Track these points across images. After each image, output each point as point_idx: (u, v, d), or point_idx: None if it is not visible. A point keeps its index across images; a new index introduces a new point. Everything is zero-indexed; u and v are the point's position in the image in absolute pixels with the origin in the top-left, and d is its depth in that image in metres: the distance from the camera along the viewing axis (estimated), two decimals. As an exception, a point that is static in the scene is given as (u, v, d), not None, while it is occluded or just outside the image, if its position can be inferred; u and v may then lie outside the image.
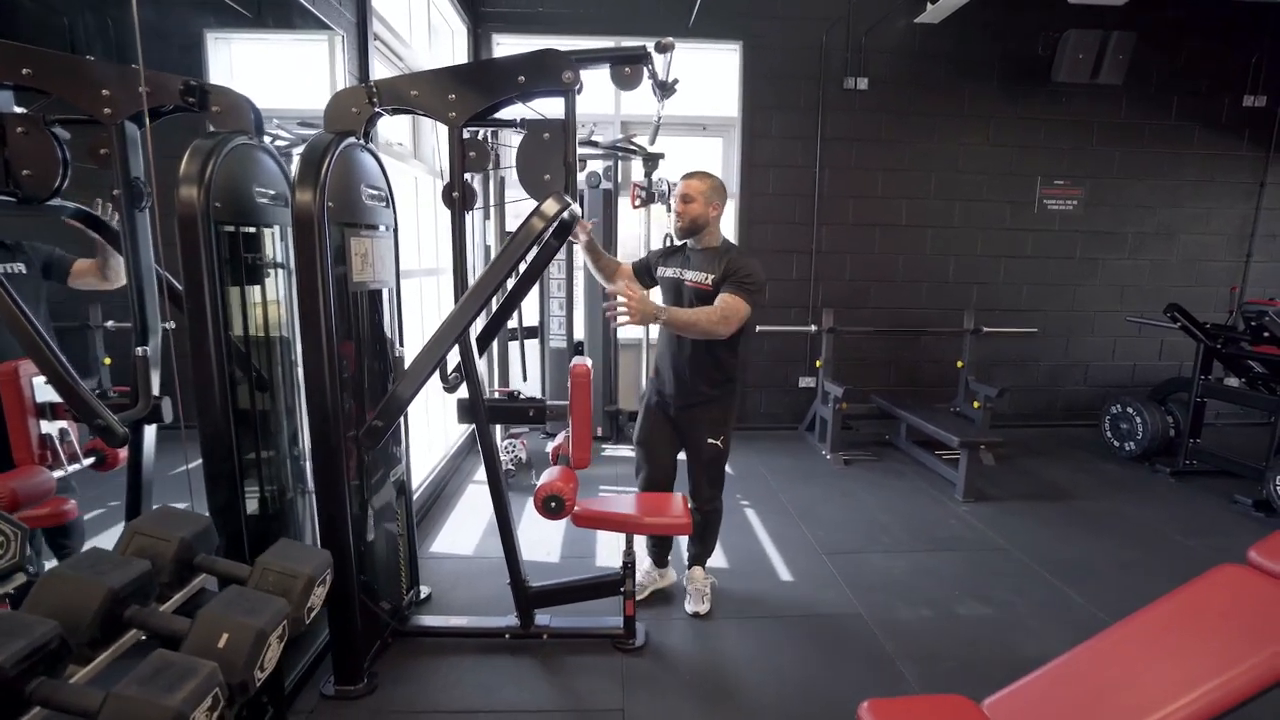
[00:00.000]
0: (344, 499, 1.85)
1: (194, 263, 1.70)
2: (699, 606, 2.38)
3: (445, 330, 1.79)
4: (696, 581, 2.44)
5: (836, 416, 4.25)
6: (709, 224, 2.16)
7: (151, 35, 2.16)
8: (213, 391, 1.77)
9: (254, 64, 2.50)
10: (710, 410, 2.25)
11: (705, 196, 2.12)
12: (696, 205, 2.13)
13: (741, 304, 2.05)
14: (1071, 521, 3.34)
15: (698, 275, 2.18)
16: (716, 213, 2.16)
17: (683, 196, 2.13)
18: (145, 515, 1.12)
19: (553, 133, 1.91)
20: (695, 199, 2.12)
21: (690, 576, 2.46)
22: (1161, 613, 1.38)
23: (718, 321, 2.03)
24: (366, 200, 1.93)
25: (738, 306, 2.04)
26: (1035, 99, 4.70)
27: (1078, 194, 4.85)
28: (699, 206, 2.13)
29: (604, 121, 4.53)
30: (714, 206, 2.14)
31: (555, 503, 1.90)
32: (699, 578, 2.44)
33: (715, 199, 2.14)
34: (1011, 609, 2.50)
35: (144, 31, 2.13)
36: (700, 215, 2.13)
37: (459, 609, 2.45)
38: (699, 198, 2.12)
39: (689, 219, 2.14)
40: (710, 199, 2.13)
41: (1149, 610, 1.43)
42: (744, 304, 2.05)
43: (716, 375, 2.22)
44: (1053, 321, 5.02)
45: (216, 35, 2.38)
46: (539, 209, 1.79)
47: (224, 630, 0.93)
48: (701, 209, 2.13)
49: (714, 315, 2.04)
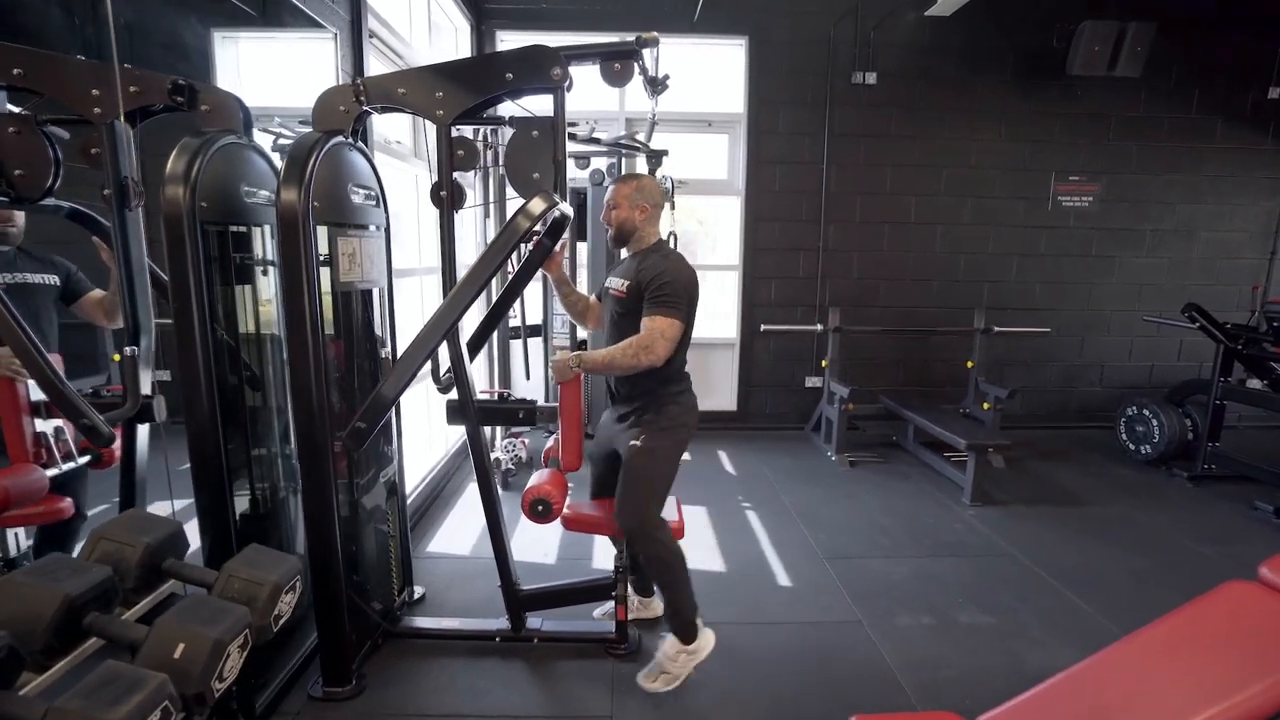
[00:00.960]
0: (331, 500, 1.84)
1: (180, 261, 1.69)
2: (648, 682, 1.98)
3: (430, 330, 1.77)
4: (664, 650, 2.00)
5: (842, 417, 4.19)
6: (637, 228, 1.99)
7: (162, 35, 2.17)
8: (199, 390, 1.77)
9: (260, 63, 2.50)
10: (637, 410, 2.01)
11: (630, 200, 1.97)
12: (621, 210, 1.98)
13: (665, 324, 1.84)
14: (1082, 527, 3.26)
15: (618, 282, 2.00)
16: (644, 215, 1.98)
17: (607, 203, 2.00)
18: (112, 520, 1.11)
19: (542, 130, 1.88)
20: (620, 204, 1.98)
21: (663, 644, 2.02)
22: (1165, 631, 1.33)
23: (637, 353, 1.84)
24: (355, 199, 1.92)
25: (662, 328, 1.84)
26: (1049, 93, 4.59)
27: (1093, 190, 4.74)
28: (624, 211, 1.98)
29: (607, 119, 4.50)
30: (640, 209, 1.97)
31: (542, 506, 1.87)
32: (667, 648, 1.99)
33: (642, 200, 1.97)
34: (1015, 617, 2.44)
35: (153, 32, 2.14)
36: (626, 220, 1.98)
37: (452, 610, 2.44)
38: (624, 202, 1.97)
39: (615, 225, 2.00)
40: (636, 201, 1.97)
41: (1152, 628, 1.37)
42: (668, 323, 1.85)
43: (647, 384, 1.99)
44: (1067, 321, 4.91)
45: (224, 35, 2.38)
46: (524, 207, 1.76)
47: (180, 640, 0.91)
48: (627, 213, 1.98)
49: (630, 349, 1.85)
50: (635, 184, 1.99)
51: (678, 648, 1.98)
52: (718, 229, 5.23)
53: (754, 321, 4.74)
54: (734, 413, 4.90)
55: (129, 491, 2.07)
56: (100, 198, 1.77)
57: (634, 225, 1.99)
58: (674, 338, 1.86)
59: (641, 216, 1.98)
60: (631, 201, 1.97)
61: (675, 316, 1.86)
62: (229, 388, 1.93)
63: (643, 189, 1.99)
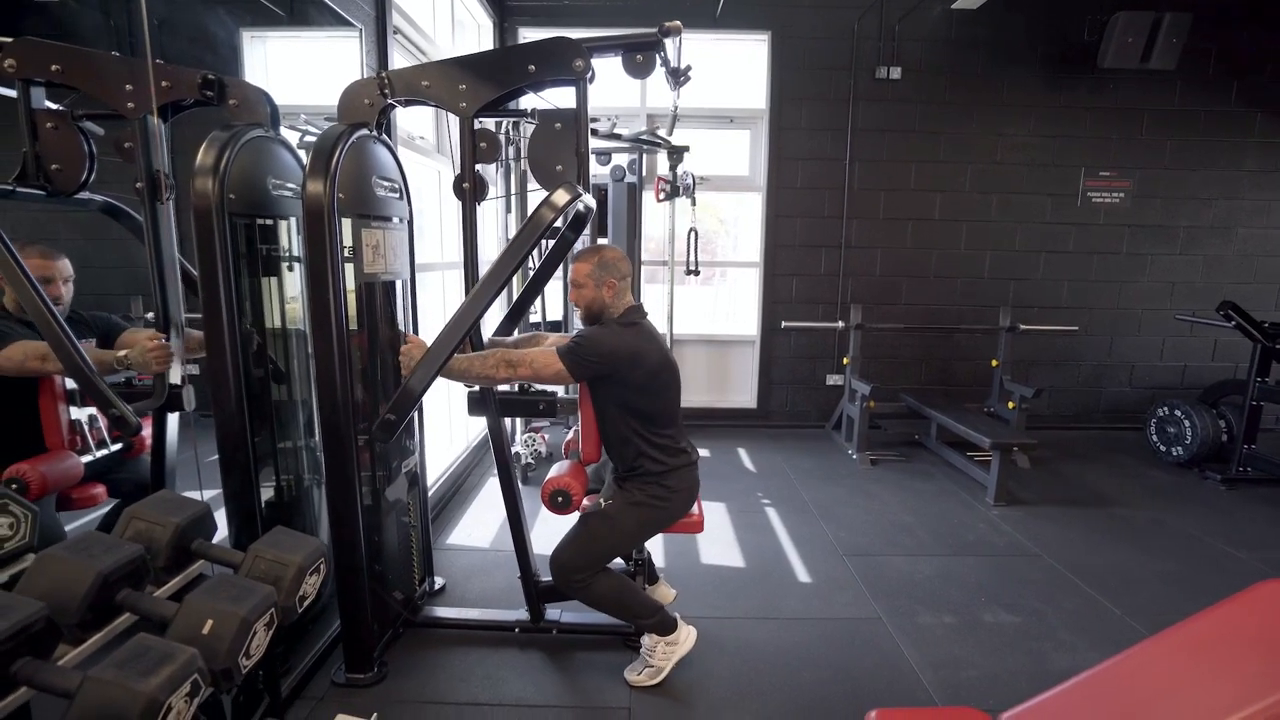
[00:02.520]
0: (354, 491, 1.86)
1: (209, 254, 1.73)
2: (633, 676, 1.98)
3: (456, 322, 1.78)
4: (644, 644, 2.01)
5: (864, 415, 4.14)
6: (606, 305, 1.89)
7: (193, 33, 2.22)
8: (227, 382, 1.80)
9: (287, 62, 2.55)
10: (623, 474, 1.96)
11: (594, 277, 1.86)
12: (587, 290, 1.88)
13: (550, 358, 1.78)
14: (1110, 528, 3.19)
15: None
16: (612, 291, 1.88)
17: (572, 282, 1.92)
18: (144, 500, 1.13)
19: (565, 122, 1.88)
20: (584, 283, 1.88)
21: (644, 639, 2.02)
22: (1195, 630, 1.29)
23: (495, 365, 1.79)
24: (379, 192, 1.94)
25: (543, 359, 1.79)
26: (1079, 86, 4.49)
27: (1125, 186, 4.63)
28: (589, 291, 1.88)
29: (629, 114, 4.50)
30: (607, 285, 1.87)
31: (562, 498, 1.88)
32: (648, 642, 1.99)
33: (606, 275, 1.86)
34: (1041, 618, 2.39)
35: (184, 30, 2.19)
36: (594, 300, 1.88)
37: (472, 601, 2.46)
38: (588, 281, 1.87)
39: (584, 306, 1.91)
40: (600, 278, 1.87)
41: (1181, 627, 1.33)
42: (552, 359, 1.78)
43: (627, 458, 1.93)
44: (1096, 320, 4.80)
45: (252, 34, 2.43)
46: (548, 199, 1.77)
47: (208, 616, 0.93)
48: (593, 293, 1.88)
49: (491, 360, 1.79)
50: (596, 258, 1.87)
51: (656, 639, 1.98)
52: (738, 227, 5.21)
53: (775, 318, 4.71)
54: (754, 410, 4.88)
55: (159, 478, 2.12)
56: (133, 191, 1.82)
57: (602, 303, 1.89)
58: (542, 375, 1.79)
59: (610, 294, 1.88)
60: (596, 279, 1.87)
61: (564, 360, 1.78)
62: (255, 380, 1.97)
63: (604, 263, 1.87)
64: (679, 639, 1.98)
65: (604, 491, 1.99)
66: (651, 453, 1.91)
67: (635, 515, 1.92)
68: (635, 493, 1.92)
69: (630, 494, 1.92)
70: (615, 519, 1.90)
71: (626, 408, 1.87)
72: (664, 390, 1.92)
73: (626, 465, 1.94)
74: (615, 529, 1.91)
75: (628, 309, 1.93)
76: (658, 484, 1.92)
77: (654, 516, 1.94)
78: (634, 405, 1.87)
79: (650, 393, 1.88)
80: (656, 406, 1.90)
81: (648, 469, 1.91)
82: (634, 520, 1.92)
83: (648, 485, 1.92)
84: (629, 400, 1.86)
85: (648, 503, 1.91)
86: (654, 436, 1.91)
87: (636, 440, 1.89)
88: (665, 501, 1.93)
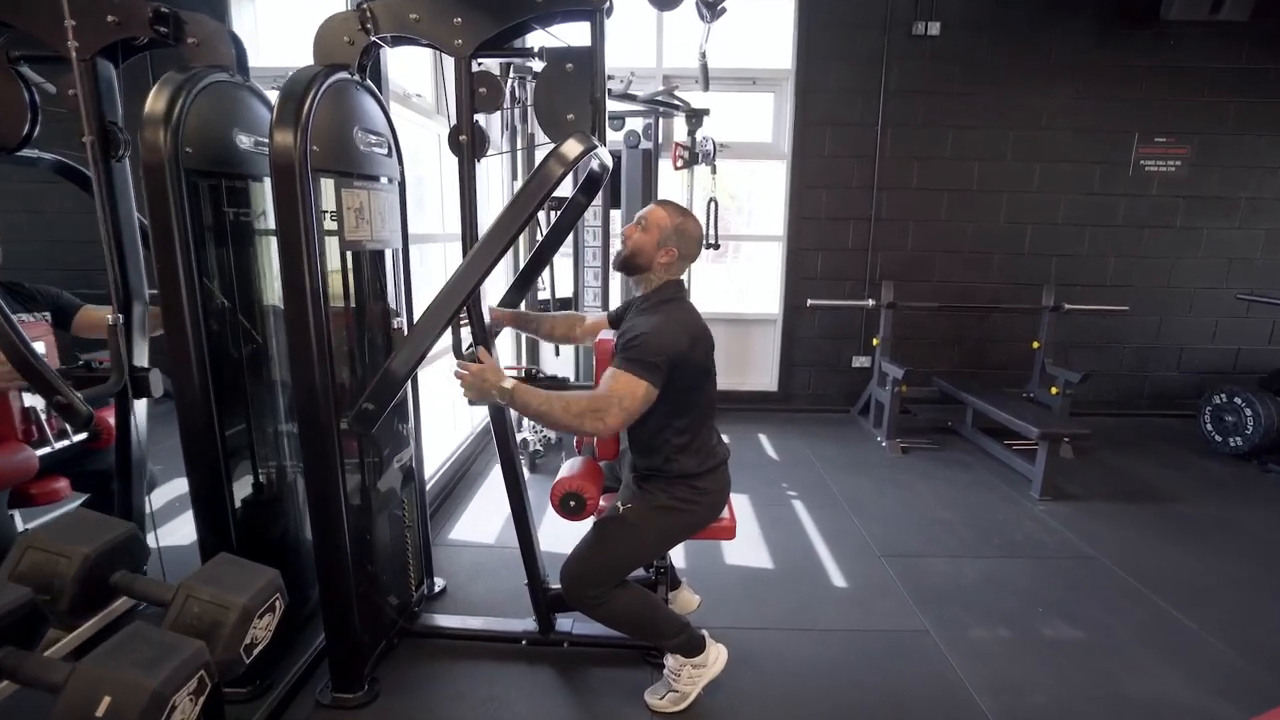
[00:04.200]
0: (337, 489, 1.63)
1: (161, 217, 1.48)
2: (655, 700, 1.75)
3: (448, 295, 1.53)
4: (669, 665, 1.77)
5: (895, 400, 3.87)
6: (650, 267, 1.63)
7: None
8: (190, 366, 1.56)
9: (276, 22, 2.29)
10: (645, 473, 1.71)
11: (663, 233, 1.61)
12: (649, 236, 1.61)
13: (626, 387, 1.45)
14: (1169, 528, 2.92)
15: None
16: (668, 259, 1.62)
17: (638, 219, 1.65)
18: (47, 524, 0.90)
19: (578, 63, 1.60)
20: (649, 229, 1.62)
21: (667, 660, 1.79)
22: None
23: (581, 415, 1.44)
24: (363, 146, 1.67)
25: (621, 393, 1.45)
26: (1136, 43, 4.11)
27: (1182, 153, 4.26)
28: (651, 238, 1.61)
29: (644, 76, 4.17)
30: (666, 250, 1.61)
31: (575, 502, 1.64)
32: (672, 664, 1.76)
33: (673, 242, 1.61)
34: (1109, 633, 2.14)
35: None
36: (642, 249, 1.62)
37: (475, 606, 2.25)
38: (653, 229, 1.61)
39: (628, 247, 1.64)
40: (666, 239, 1.61)
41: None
42: (630, 387, 1.45)
43: (654, 457, 1.67)
44: (1143, 298, 4.47)
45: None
46: (557, 150, 1.49)
47: (105, 692, 0.69)
48: (648, 242, 1.61)
49: (575, 409, 1.45)
50: (679, 220, 1.62)
51: (681, 661, 1.74)
52: (751, 201, 4.89)
53: (799, 296, 4.42)
54: (774, 393, 4.61)
55: (125, 472, 1.90)
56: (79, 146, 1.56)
57: (649, 262, 1.63)
58: (632, 408, 1.45)
59: (665, 259, 1.62)
60: (664, 236, 1.61)
61: (642, 378, 1.45)
62: (229, 361, 1.73)
63: (682, 232, 1.62)
64: (707, 661, 1.74)
65: (621, 493, 1.75)
66: (686, 449, 1.65)
67: (659, 521, 1.66)
68: (659, 495, 1.66)
69: (653, 496, 1.67)
70: (635, 525, 1.65)
71: (669, 398, 1.58)
72: (709, 378, 1.66)
73: (653, 463, 1.68)
74: (635, 537, 1.66)
75: (669, 282, 1.67)
76: (687, 485, 1.66)
77: (681, 522, 1.70)
78: (678, 396, 1.59)
79: (698, 382, 1.63)
80: (700, 397, 1.65)
81: (678, 468, 1.65)
82: (657, 527, 1.67)
83: (674, 486, 1.66)
84: (674, 390, 1.58)
85: (674, 506, 1.66)
86: (692, 432, 1.65)
87: (671, 436, 1.63)
88: (694, 505, 1.68)
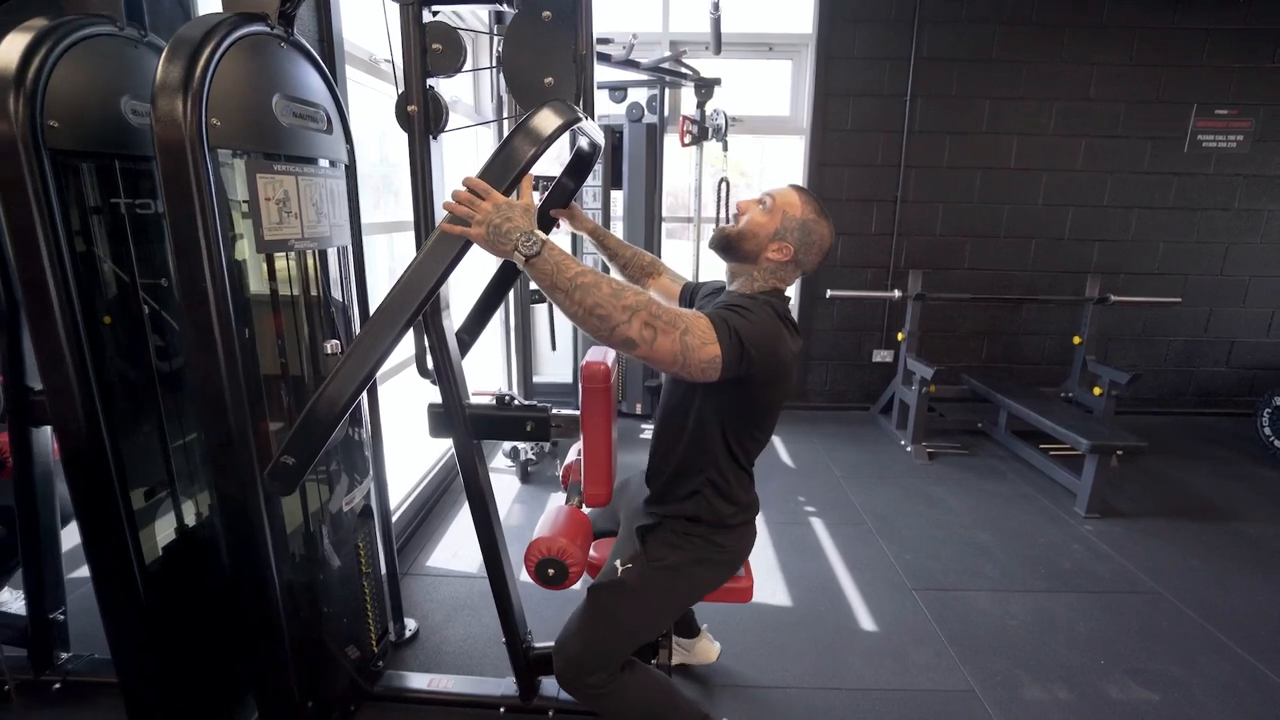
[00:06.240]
0: (265, 553, 1.32)
1: (20, 209, 1.15)
2: None
3: (392, 306, 1.20)
4: None
5: (922, 401, 3.53)
6: (757, 260, 1.29)
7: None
8: (70, 394, 1.25)
9: None
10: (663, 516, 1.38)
11: (785, 219, 1.27)
12: (766, 218, 1.28)
13: (703, 332, 1.09)
14: (1237, 553, 2.59)
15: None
16: (779, 257, 1.27)
17: (760, 199, 1.31)
18: None
19: (558, 11, 1.25)
20: (773, 211, 1.28)
21: None
22: None
23: (631, 309, 1.05)
24: (288, 119, 1.33)
25: (695, 327, 1.09)
26: (1200, 3, 3.68)
27: (1245, 127, 3.85)
28: (767, 221, 1.27)
29: (648, 41, 3.77)
30: (782, 245, 1.27)
31: (554, 570, 1.31)
32: None
33: (794, 238, 1.27)
34: (1186, 694, 1.83)
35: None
36: (756, 233, 1.28)
37: (451, 651, 1.96)
38: (777, 213, 1.27)
39: (740, 225, 1.30)
40: (787, 230, 1.27)
41: None
42: (705, 335, 1.09)
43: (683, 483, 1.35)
44: (1192, 288, 4.09)
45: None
46: (526, 123, 1.15)
47: None
48: (767, 227, 1.27)
49: (630, 298, 1.06)
50: (812, 217, 1.27)
51: None
52: (766, 180, 4.49)
53: (816, 285, 4.06)
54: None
55: (29, 511, 1.61)
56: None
57: (757, 251, 1.28)
58: (690, 353, 1.08)
59: (776, 255, 1.27)
60: (785, 226, 1.27)
61: (719, 342, 1.10)
62: (134, 378, 1.42)
63: (810, 232, 1.27)
64: None
65: (618, 548, 1.43)
66: (727, 488, 1.33)
67: (667, 584, 1.33)
68: (666, 551, 1.34)
69: (660, 553, 1.34)
70: (638, 592, 1.32)
71: (737, 428, 1.27)
72: (774, 416, 1.34)
73: (670, 506, 1.36)
74: (640, 606, 1.33)
75: (775, 290, 1.31)
76: (706, 540, 1.34)
77: (695, 586, 1.37)
78: (745, 428, 1.28)
79: (765, 418, 1.31)
80: (763, 435, 1.34)
81: (705, 509, 1.33)
82: (666, 591, 1.34)
83: (692, 539, 1.34)
84: (743, 419, 1.26)
85: (686, 567, 1.33)
86: (740, 469, 1.34)
87: (714, 474, 1.31)
88: (707, 563, 1.36)
